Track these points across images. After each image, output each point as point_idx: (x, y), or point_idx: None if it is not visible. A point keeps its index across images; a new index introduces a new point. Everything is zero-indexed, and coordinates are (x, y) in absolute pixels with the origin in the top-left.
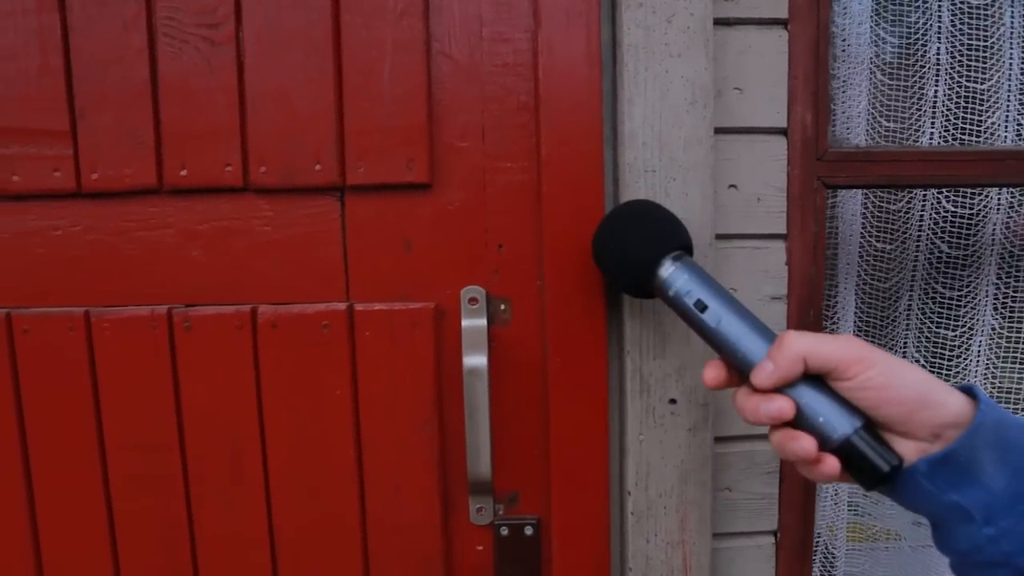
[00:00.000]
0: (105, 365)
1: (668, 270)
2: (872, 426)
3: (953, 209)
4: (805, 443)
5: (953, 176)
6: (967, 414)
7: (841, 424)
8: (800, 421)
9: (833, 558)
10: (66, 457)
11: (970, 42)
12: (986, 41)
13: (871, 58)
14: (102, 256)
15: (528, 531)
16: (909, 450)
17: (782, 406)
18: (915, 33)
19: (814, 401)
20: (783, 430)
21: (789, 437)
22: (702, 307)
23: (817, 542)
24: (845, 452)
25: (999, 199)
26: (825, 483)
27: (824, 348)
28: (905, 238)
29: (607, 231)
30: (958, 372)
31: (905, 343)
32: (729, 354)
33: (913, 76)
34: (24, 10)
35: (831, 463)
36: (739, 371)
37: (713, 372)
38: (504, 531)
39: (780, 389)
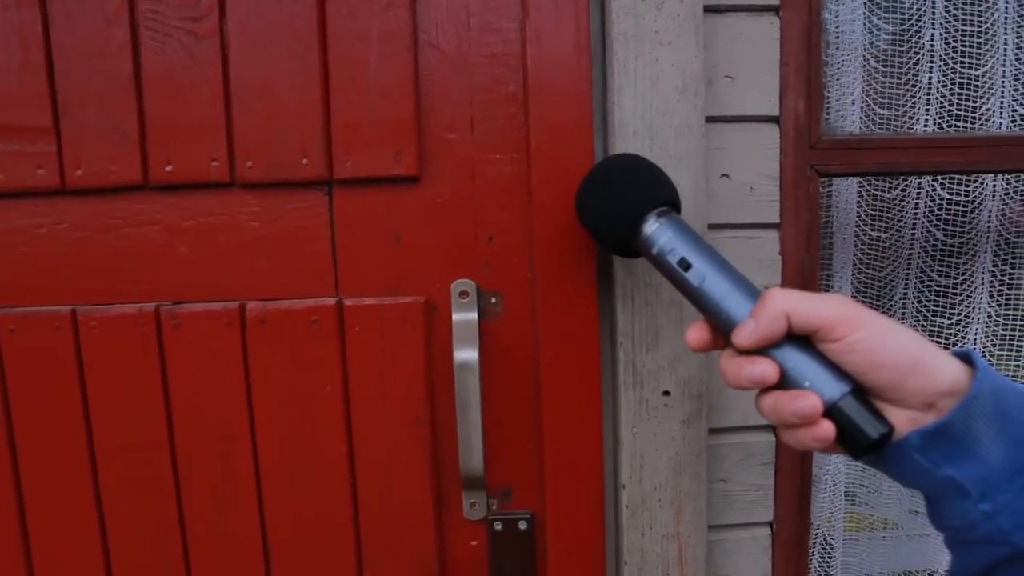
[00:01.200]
0: (93, 364)
1: (652, 227)
2: (862, 391)
3: (948, 196)
4: (812, 400)
5: (948, 163)
6: (963, 382)
7: (828, 388)
8: (784, 385)
9: (831, 548)
10: (55, 457)
11: (964, 28)
12: (980, 27)
13: (864, 45)
14: (88, 254)
15: (522, 526)
16: (901, 420)
17: (765, 370)
18: (909, 19)
19: (800, 364)
20: (778, 391)
21: (788, 398)
22: (686, 265)
23: (816, 533)
24: (832, 418)
25: (994, 186)
26: (815, 451)
27: (809, 306)
28: (900, 226)
29: (590, 185)
30: None
31: None
32: (713, 314)
33: (907, 63)
34: (3, 5)
35: (826, 427)
36: (723, 332)
37: (696, 333)
38: (498, 526)
39: (765, 351)
